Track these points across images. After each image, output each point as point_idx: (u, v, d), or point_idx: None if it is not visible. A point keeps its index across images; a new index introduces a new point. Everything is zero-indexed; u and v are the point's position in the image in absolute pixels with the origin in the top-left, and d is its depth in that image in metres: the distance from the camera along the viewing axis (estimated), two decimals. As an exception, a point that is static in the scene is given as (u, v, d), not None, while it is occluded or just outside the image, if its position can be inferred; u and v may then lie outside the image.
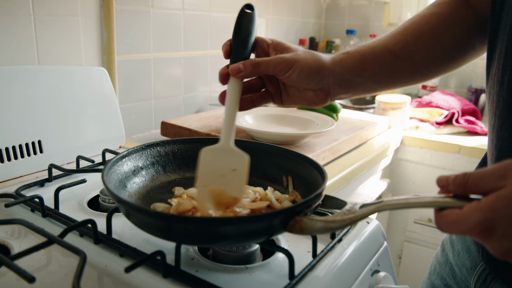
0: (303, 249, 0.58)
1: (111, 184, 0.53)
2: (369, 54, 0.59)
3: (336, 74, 0.58)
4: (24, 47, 0.89)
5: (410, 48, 0.59)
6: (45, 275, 0.50)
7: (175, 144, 0.67)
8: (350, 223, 0.45)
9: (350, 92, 0.60)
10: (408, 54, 0.59)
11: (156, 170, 0.64)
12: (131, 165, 0.61)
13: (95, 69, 0.93)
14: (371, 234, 0.63)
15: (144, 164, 0.63)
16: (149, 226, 0.47)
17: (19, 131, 0.78)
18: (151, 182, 0.63)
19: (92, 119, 0.91)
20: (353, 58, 0.59)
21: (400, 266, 1.50)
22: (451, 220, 0.36)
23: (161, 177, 0.64)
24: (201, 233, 0.44)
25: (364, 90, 0.61)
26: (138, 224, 0.48)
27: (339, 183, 0.93)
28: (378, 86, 0.61)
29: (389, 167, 1.41)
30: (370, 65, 0.59)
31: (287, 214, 0.45)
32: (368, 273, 0.59)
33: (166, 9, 1.20)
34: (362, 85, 0.60)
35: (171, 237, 0.47)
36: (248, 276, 0.51)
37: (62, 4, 0.94)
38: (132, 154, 0.62)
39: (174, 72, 1.28)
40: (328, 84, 0.58)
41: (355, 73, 0.58)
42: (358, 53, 0.59)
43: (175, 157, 0.67)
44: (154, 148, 0.65)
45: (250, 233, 0.45)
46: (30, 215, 0.64)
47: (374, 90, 0.62)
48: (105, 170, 0.53)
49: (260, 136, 0.97)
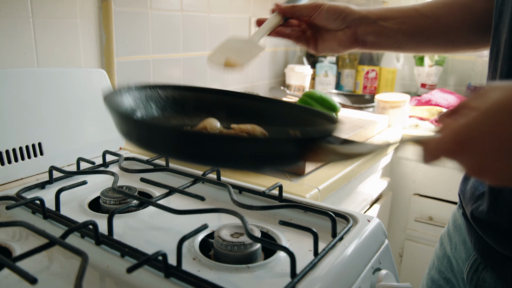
0: (304, 247, 0.58)
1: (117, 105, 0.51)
2: (395, 8, 0.66)
3: (361, 14, 0.65)
4: (23, 50, 0.89)
5: (438, 11, 0.64)
6: (47, 277, 0.50)
7: (177, 90, 0.63)
8: (368, 152, 0.45)
9: (379, 38, 0.65)
10: (435, 15, 0.63)
11: (156, 112, 0.59)
12: (131, 102, 0.56)
13: (94, 71, 0.93)
14: (372, 232, 0.63)
15: (143, 104, 0.58)
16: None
17: (19, 134, 0.79)
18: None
19: (92, 121, 0.91)
20: (378, 9, 0.66)
21: (401, 264, 1.50)
22: (432, 145, 0.38)
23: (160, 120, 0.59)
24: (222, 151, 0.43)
25: (393, 40, 0.65)
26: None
27: (339, 182, 0.93)
28: (406, 39, 0.65)
29: (389, 166, 1.41)
30: (395, 14, 0.64)
31: (306, 140, 0.45)
32: (370, 271, 0.59)
33: (164, 11, 1.20)
34: (389, 33, 0.65)
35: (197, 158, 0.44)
36: (250, 275, 0.51)
37: (61, 7, 0.94)
38: (133, 91, 0.57)
39: (174, 73, 1.29)
40: (355, 22, 0.65)
41: (380, 17, 0.65)
42: (384, 8, 0.67)
43: (175, 103, 0.62)
44: (155, 90, 0.60)
45: (270, 154, 0.44)
46: (31, 217, 0.64)
47: (402, 44, 0.66)
48: (107, 95, 0.50)
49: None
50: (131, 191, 0.71)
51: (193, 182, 0.76)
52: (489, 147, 0.35)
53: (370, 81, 1.81)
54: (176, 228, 0.63)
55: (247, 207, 0.63)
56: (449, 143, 0.36)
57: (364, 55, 1.83)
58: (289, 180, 0.88)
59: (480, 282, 0.56)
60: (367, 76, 1.81)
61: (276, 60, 1.76)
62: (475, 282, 0.57)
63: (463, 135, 0.35)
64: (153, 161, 0.85)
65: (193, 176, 0.78)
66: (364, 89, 1.83)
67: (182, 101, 0.63)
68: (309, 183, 0.86)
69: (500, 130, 0.34)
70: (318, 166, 0.95)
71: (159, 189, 0.76)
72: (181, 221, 0.65)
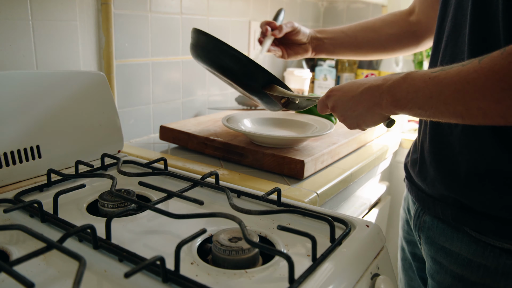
0: (302, 252, 0.58)
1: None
2: (331, 30, 1.01)
3: (312, 35, 1.00)
4: (23, 52, 0.89)
5: (356, 33, 0.98)
6: (44, 281, 0.49)
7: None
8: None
9: (320, 50, 1.02)
10: (354, 34, 0.98)
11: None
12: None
13: (93, 74, 0.93)
14: (370, 237, 0.63)
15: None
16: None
17: (17, 136, 0.78)
18: None
19: (91, 123, 0.91)
20: (323, 30, 1.01)
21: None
22: (319, 107, 0.74)
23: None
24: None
25: (329, 52, 1.01)
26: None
27: (338, 186, 0.93)
28: (337, 51, 1.01)
29: (388, 170, 1.41)
30: (330, 35, 1.00)
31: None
32: (368, 276, 0.58)
33: (164, 14, 1.20)
34: (327, 47, 1.00)
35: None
36: (248, 280, 0.51)
37: (60, 9, 0.94)
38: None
39: (173, 76, 1.29)
40: (310, 39, 1.00)
41: (321, 37, 1.00)
42: (326, 29, 1.01)
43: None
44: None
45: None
46: (29, 221, 0.64)
47: (335, 54, 1.02)
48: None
49: (259, 139, 0.97)
50: (129, 195, 0.71)
51: (192, 186, 0.76)
52: (342, 105, 0.68)
53: (369, 85, 1.81)
54: (174, 232, 0.63)
55: (245, 211, 0.63)
56: (324, 97, 0.72)
57: (363, 59, 1.84)
58: (288, 185, 0.88)
59: (422, 224, 0.75)
60: (366, 80, 1.81)
61: (275, 64, 1.76)
62: (418, 225, 0.76)
63: (331, 96, 0.71)
64: (152, 164, 0.85)
65: (192, 180, 0.78)
66: (363, 93, 1.83)
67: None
68: (308, 187, 0.86)
69: (346, 97, 0.67)
70: (317, 171, 0.95)
71: (157, 193, 0.76)
72: (180, 225, 0.65)
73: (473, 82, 0.50)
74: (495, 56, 0.49)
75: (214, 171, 0.77)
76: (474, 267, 0.65)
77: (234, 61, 0.83)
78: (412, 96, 0.56)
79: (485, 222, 0.63)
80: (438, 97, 0.53)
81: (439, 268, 0.71)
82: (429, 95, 0.54)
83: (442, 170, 0.67)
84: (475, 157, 0.63)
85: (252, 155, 0.96)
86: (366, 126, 0.68)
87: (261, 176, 0.92)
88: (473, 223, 0.64)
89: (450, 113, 0.53)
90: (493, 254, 0.63)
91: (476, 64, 0.50)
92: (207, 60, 0.87)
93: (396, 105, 0.59)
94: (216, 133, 1.06)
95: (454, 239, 0.68)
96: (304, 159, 0.89)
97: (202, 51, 0.87)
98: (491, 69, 0.48)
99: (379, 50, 0.99)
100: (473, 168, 0.63)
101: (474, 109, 0.50)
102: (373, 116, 0.65)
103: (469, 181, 0.64)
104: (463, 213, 0.65)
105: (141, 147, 1.12)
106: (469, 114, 0.51)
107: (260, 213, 0.63)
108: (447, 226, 0.69)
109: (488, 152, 0.61)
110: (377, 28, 0.97)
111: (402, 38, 0.96)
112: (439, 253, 0.71)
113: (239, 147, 0.98)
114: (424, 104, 0.55)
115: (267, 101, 0.90)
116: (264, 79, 0.85)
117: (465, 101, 0.51)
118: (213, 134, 1.05)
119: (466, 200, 0.65)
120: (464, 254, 0.66)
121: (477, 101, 0.50)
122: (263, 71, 0.84)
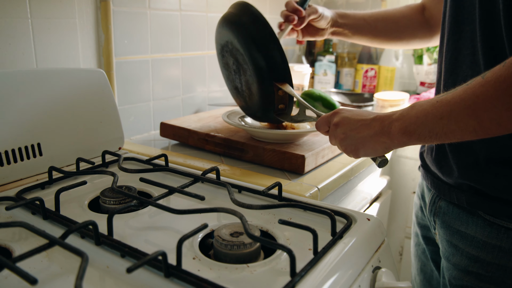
0: (304, 246, 0.59)
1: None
2: (351, 15, 1.01)
3: (334, 20, 0.99)
4: (22, 50, 0.89)
5: (376, 22, 1.00)
6: (47, 277, 0.50)
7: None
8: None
9: (339, 35, 1.03)
10: (374, 23, 1.00)
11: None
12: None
13: (93, 71, 0.93)
14: (371, 231, 0.63)
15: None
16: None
17: (18, 134, 0.79)
18: None
19: (91, 121, 0.91)
20: (343, 14, 1.01)
21: (401, 263, 1.50)
22: (319, 122, 0.74)
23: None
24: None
25: (348, 37, 1.02)
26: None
27: (339, 180, 0.93)
28: (357, 34, 1.02)
29: (388, 164, 1.41)
30: (349, 18, 1.00)
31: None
32: (369, 269, 0.59)
33: (163, 10, 1.20)
34: (346, 34, 1.01)
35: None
36: (250, 274, 0.52)
37: (59, 7, 0.94)
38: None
39: (172, 73, 1.29)
40: (330, 24, 1.00)
41: (342, 22, 1.00)
42: (348, 14, 1.01)
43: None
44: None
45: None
46: (31, 218, 0.64)
47: (354, 39, 1.03)
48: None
49: (260, 135, 0.97)
50: (130, 191, 0.71)
51: (193, 182, 0.76)
52: (349, 124, 0.67)
53: (369, 79, 1.82)
54: (175, 228, 0.63)
55: (246, 206, 0.63)
56: (330, 114, 0.72)
57: (363, 54, 1.83)
58: (289, 180, 0.88)
59: (437, 209, 0.78)
60: (366, 75, 1.81)
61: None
62: (434, 211, 0.79)
63: (339, 113, 0.70)
64: (153, 161, 0.85)
65: (193, 176, 0.78)
66: (363, 88, 1.83)
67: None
68: (309, 182, 0.87)
69: (355, 119, 0.67)
70: (318, 165, 0.96)
71: (158, 189, 0.76)
72: (181, 220, 0.65)
73: (482, 96, 0.52)
74: (497, 69, 0.52)
75: (215, 167, 0.77)
76: (489, 248, 0.68)
77: (272, 56, 0.84)
78: (422, 120, 0.58)
79: (499, 206, 0.66)
80: (449, 117, 0.55)
81: (455, 250, 0.74)
82: (439, 116, 0.56)
83: (458, 159, 0.70)
84: (488, 147, 0.66)
85: (252, 151, 0.96)
86: (363, 152, 0.67)
87: (262, 172, 0.92)
88: (487, 207, 0.68)
89: (462, 130, 0.55)
90: (507, 235, 0.66)
91: (481, 80, 0.53)
92: (240, 42, 0.85)
93: (405, 132, 0.60)
94: (216, 129, 1.06)
95: (469, 223, 0.71)
96: (305, 154, 0.89)
97: (242, 30, 0.84)
98: (497, 80, 0.51)
99: (395, 41, 1.02)
100: (487, 156, 0.66)
101: (487, 121, 0.52)
102: (376, 144, 0.65)
103: (483, 169, 0.67)
104: (477, 198, 0.68)
105: (142, 144, 1.12)
106: (482, 127, 0.53)
107: (261, 208, 0.63)
108: (462, 210, 0.72)
109: (500, 141, 0.64)
110: (396, 20, 1.00)
111: (417, 32, 0.99)
112: (454, 236, 0.73)
113: (239, 143, 0.98)
114: (435, 126, 0.57)
115: (263, 103, 0.90)
116: (282, 74, 0.85)
117: (477, 115, 0.53)
118: (214, 130, 1.05)
119: (481, 186, 0.67)
120: (479, 237, 0.69)
121: (488, 112, 0.52)
122: (287, 67, 0.84)
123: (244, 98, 0.97)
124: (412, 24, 0.99)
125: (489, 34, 0.64)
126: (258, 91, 0.88)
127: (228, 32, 0.87)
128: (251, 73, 0.87)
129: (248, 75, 0.89)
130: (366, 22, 1.00)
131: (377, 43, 1.04)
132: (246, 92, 0.93)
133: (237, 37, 0.85)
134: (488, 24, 0.63)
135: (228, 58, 0.93)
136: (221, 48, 0.94)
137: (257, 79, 0.86)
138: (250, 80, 0.90)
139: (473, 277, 0.71)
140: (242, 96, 0.97)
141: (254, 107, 0.94)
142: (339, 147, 0.70)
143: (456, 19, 0.70)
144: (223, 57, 0.96)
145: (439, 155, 0.75)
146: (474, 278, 0.70)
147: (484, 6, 0.64)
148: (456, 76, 0.70)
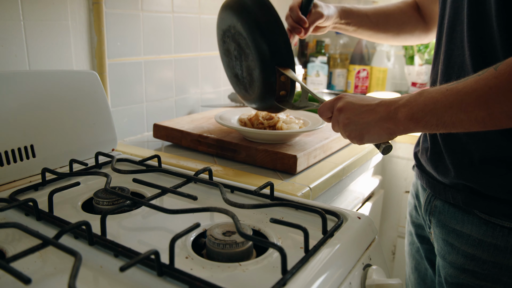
0: (295, 245, 0.59)
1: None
2: (354, 12, 1.00)
3: (336, 16, 0.98)
4: (15, 52, 0.89)
5: (379, 19, 1.01)
6: (40, 277, 0.50)
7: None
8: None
9: (342, 31, 1.02)
10: (376, 19, 1.01)
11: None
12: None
13: (86, 73, 0.93)
14: (362, 229, 0.64)
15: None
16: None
17: (11, 136, 0.79)
18: None
19: (84, 122, 0.92)
20: (347, 9, 1.00)
21: (394, 261, 1.51)
22: (321, 107, 0.73)
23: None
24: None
25: (350, 32, 1.02)
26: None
27: (331, 180, 0.94)
28: (358, 30, 1.01)
29: (380, 164, 1.43)
30: (353, 16, 0.99)
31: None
32: (360, 267, 0.60)
33: (156, 12, 1.21)
34: (348, 29, 1.01)
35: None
36: (242, 273, 0.52)
37: (52, 9, 0.94)
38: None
39: (165, 74, 1.29)
40: (333, 21, 0.99)
41: (345, 18, 0.99)
42: (351, 9, 1.01)
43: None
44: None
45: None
46: (24, 219, 0.64)
47: (357, 34, 1.03)
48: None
49: (252, 135, 0.98)
50: (123, 192, 0.71)
51: (185, 182, 0.77)
52: (353, 109, 0.67)
53: (361, 80, 1.83)
54: (168, 228, 0.64)
55: (238, 205, 0.63)
56: (333, 99, 0.72)
57: (355, 55, 1.85)
58: (281, 179, 0.89)
59: (433, 208, 0.78)
60: (358, 76, 1.83)
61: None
62: (429, 210, 0.79)
63: (343, 98, 0.70)
64: (146, 162, 0.86)
65: (185, 176, 0.78)
66: (355, 89, 1.84)
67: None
68: (301, 182, 0.87)
69: (360, 104, 0.66)
70: (310, 165, 0.96)
71: (151, 190, 0.76)
72: (174, 220, 0.65)
73: (495, 87, 0.52)
74: (510, 62, 0.51)
75: (208, 167, 0.78)
76: (485, 246, 0.69)
77: (276, 40, 0.83)
78: (430, 107, 0.57)
79: (494, 205, 0.67)
80: (459, 106, 0.55)
81: (451, 249, 0.74)
82: (448, 105, 0.56)
83: (454, 159, 0.71)
84: (483, 147, 0.67)
85: (245, 151, 0.96)
86: (368, 138, 0.66)
87: (254, 172, 0.93)
88: (483, 206, 0.68)
89: (471, 120, 0.54)
90: (503, 233, 0.67)
91: (493, 72, 0.52)
92: (243, 25, 0.84)
93: (412, 118, 0.59)
94: (209, 130, 1.07)
95: (465, 222, 0.72)
96: (297, 154, 0.90)
97: (246, 13, 0.84)
98: (511, 73, 0.51)
99: (393, 37, 1.04)
100: (482, 156, 0.67)
101: (498, 113, 0.52)
102: (380, 130, 0.64)
103: (478, 169, 0.68)
104: (473, 197, 0.69)
105: (135, 145, 1.13)
106: (492, 119, 0.53)
107: (253, 207, 0.64)
108: (458, 209, 0.73)
109: (494, 141, 0.65)
110: (397, 17, 1.01)
111: (415, 29, 1.01)
112: (450, 235, 0.74)
113: (232, 144, 0.98)
114: (443, 115, 0.56)
115: (264, 89, 0.89)
116: (285, 59, 0.85)
117: (488, 106, 0.52)
118: (207, 131, 1.06)
119: (476, 186, 0.68)
120: (475, 235, 0.70)
121: (500, 105, 0.52)
122: (291, 52, 0.84)
123: (244, 85, 0.95)
124: (411, 22, 1.01)
125: (477, 35, 0.64)
126: (260, 77, 0.87)
127: (232, 16, 0.86)
128: (254, 58, 0.86)
129: (250, 60, 0.88)
130: (368, 19, 1.00)
131: (375, 38, 1.05)
132: (247, 78, 0.92)
133: (240, 20, 0.85)
134: (477, 25, 0.64)
135: (229, 43, 0.92)
136: (223, 34, 0.93)
137: (259, 64, 0.85)
138: (251, 65, 0.88)
139: (469, 275, 0.71)
140: (242, 83, 0.96)
141: (254, 94, 0.92)
142: (342, 134, 0.69)
143: (453, 23, 0.71)
144: (224, 43, 0.94)
145: (434, 155, 0.75)
146: (470, 276, 0.71)
147: (472, 7, 0.64)
148: (449, 78, 0.70)
